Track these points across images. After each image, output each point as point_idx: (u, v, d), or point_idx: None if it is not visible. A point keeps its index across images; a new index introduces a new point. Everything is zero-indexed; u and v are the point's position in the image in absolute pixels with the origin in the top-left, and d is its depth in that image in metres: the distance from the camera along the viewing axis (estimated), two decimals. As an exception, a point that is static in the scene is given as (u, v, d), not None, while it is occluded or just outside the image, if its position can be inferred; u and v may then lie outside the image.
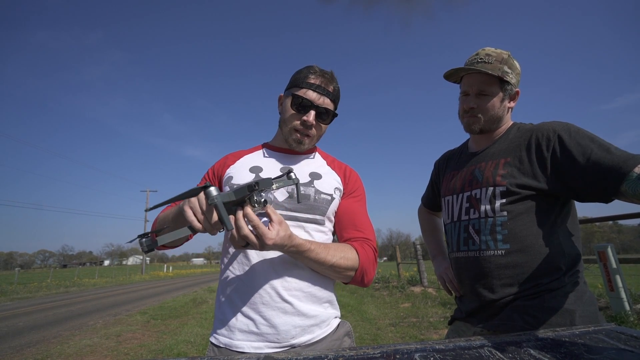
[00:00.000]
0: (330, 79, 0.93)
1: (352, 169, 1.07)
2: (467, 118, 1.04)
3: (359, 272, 0.86)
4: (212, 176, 1.00)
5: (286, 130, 0.95)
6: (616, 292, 3.65)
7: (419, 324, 4.62)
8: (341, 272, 0.84)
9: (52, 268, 54.63)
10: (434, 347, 0.61)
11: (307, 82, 0.91)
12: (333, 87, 0.93)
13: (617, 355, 0.53)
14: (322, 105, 0.91)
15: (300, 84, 0.92)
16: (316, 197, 0.91)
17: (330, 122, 0.97)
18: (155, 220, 0.94)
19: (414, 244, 8.95)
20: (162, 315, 6.55)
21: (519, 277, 0.90)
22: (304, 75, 0.92)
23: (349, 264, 0.84)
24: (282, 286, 0.83)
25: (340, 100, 0.98)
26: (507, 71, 0.98)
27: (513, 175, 0.93)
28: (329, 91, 0.92)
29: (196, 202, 0.69)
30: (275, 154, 1.01)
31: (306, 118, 0.90)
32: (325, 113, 0.92)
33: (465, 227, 1.01)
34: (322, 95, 0.91)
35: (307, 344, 0.82)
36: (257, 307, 0.82)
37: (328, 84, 0.92)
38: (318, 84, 0.91)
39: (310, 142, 0.96)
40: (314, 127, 0.93)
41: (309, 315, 0.84)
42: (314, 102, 0.90)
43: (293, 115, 0.92)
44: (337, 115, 0.98)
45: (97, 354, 3.91)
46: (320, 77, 0.92)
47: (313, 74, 0.92)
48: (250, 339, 0.80)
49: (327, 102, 0.92)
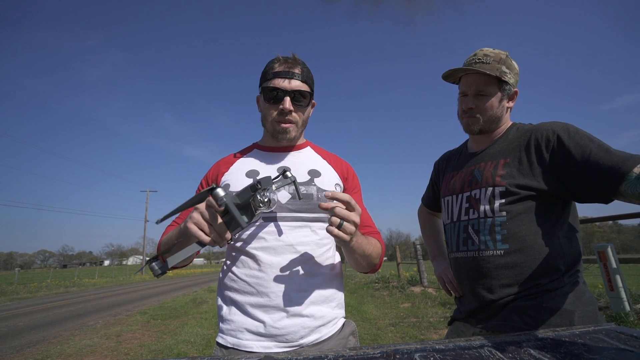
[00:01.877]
0: (294, 62, 0.93)
1: (347, 162, 1.08)
2: (466, 118, 1.04)
3: (381, 260, 0.92)
4: (207, 186, 0.98)
5: (268, 125, 0.95)
6: (616, 292, 3.65)
7: (419, 324, 4.62)
8: (373, 260, 0.89)
9: (52, 268, 54.65)
10: (434, 347, 0.61)
11: (273, 72, 0.91)
12: (300, 69, 0.92)
13: (617, 355, 0.53)
14: (293, 88, 0.90)
15: (267, 76, 0.92)
16: (319, 196, 0.91)
17: (308, 103, 0.96)
18: (160, 244, 0.92)
19: (414, 244, 8.95)
20: (162, 315, 6.55)
21: (518, 278, 0.90)
22: (268, 67, 0.93)
23: (379, 252, 0.91)
24: (292, 288, 0.83)
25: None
26: (505, 71, 0.98)
27: (512, 176, 0.93)
28: (296, 73, 0.91)
29: (199, 216, 0.68)
30: (268, 155, 1.00)
31: (282, 106, 0.90)
32: (300, 95, 0.92)
33: (465, 228, 1.01)
34: (291, 79, 0.90)
35: (314, 344, 0.83)
36: (267, 309, 0.82)
37: (293, 67, 0.92)
38: (283, 70, 0.90)
39: (296, 129, 0.96)
40: (293, 112, 0.92)
41: (317, 316, 0.84)
42: (284, 89, 0.90)
43: (269, 108, 0.93)
44: (313, 93, 0.97)
45: (97, 354, 3.91)
46: (284, 63, 0.92)
47: (276, 62, 0.92)
48: (259, 339, 0.81)
49: (297, 84, 0.91)
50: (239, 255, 0.88)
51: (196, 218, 0.68)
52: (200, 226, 0.68)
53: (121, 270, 46.35)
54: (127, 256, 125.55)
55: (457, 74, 1.07)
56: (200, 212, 0.69)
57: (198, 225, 0.68)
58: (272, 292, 0.82)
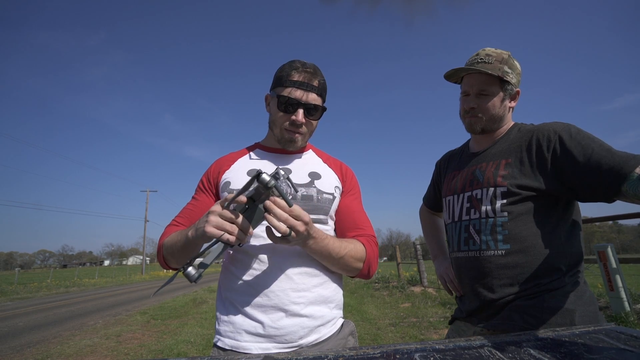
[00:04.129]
0: (314, 73, 0.90)
1: (346, 165, 1.08)
2: (468, 118, 1.04)
3: (366, 264, 0.88)
4: (208, 184, 0.97)
5: (277, 131, 0.94)
6: (616, 292, 3.65)
7: (419, 324, 4.62)
8: (351, 264, 0.85)
9: (52, 268, 54.69)
10: (434, 347, 0.61)
11: (291, 80, 0.88)
12: (318, 81, 0.91)
13: (617, 355, 0.53)
14: (309, 102, 0.89)
15: (284, 82, 0.89)
16: (319, 197, 0.91)
17: (320, 117, 0.95)
18: (161, 246, 0.89)
19: (414, 244, 8.96)
20: (162, 315, 6.55)
21: (519, 277, 0.90)
22: (286, 74, 0.90)
23: (359, 256, 0.86)
24: (291, 288, 0.83)
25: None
26: (507, 71, 0.98)
27: (514, 176, 0.93)
28: (314, 86, 0.89)
29: (217, 218, 0.67)
30: (269, 155, 1.00)
31: (295, 117, 0.89)
32: (314, 109, 0.91)
33: (466, 227, 1.01)
34: (308, 92, 0.89)
35: (314, 344, 0.83)
36: (265, 310, 0.81)
37: (312, 79, 0.89)
38: (302, 81, 0.88)
39: (303, 140, 0.96)
40: (304, 124, 0.92)
41: (316, 317, 0.84)
42: (300, 100, 0.88)
43: (281, 117, 0.91)
44: (326, 109, 0.96)
45: (97, 354, 3.91)
46: (304, 73, 0.89)
47: (295, 70, 0.89)
48: (258, 340, 0.80)
49: (314, 97, 0.90)
50: (238, 255, 0.88)
51: (215, 221, 0.66)
52: (222, 227, 0.66)
53: (121, 270, 46.32)
54: (127, 256, 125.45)
55: (459, 74, 1.07)
56: (219, 213, 0.67)
57: (219, 228, 0.66)
58: (271, 292, 0.82)
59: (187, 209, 0.96)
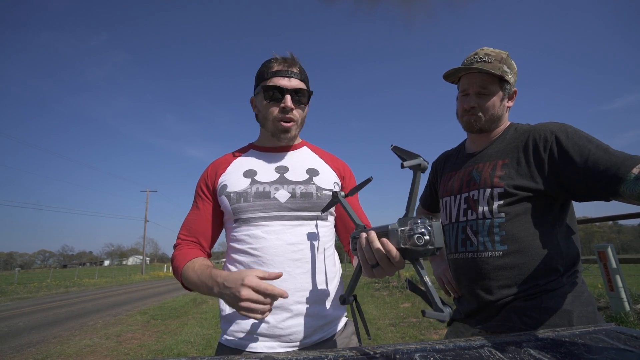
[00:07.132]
0: (292, 61, 0.95)
1: (343, 160, 1.08)
2: (467, 117, 1.04)
3: None
4: (206, 190, 0.96)
5: (269, 124, 0.95)
6: (616, 292, 3.65)
7: (419, 324, 4.62)
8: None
9: (52, 268, 54.67)
10: (434, 347, 0.61)
11: (272, 71, 0.92)
12: (298, 68, 0.95)
13: (617, 355, 0.53)
14: (293, 87, 0.92)
15: (265, 75, 0.93)
16: (318, 194, 0.91)
17: (307, 101, 0.97)
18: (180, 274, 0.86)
19: (414, 244, 8.93)
20: (162, 315, 6.55)
21: (517, 279, 0.90)
22: (266, 67, 0.94)
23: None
24: (296, 288, 0.83)
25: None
26: (506, 70, 0.98)
27: (511, 177, 0.93)
28: (295, 72, 0.93)
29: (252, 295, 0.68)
30: (265, 155, 1.00)
31: (284, 104, 0.91)
32: (300, 93, 0.93)
33: (463, 228, 1.01)
34: (291, 77, 0.92)
35: (318, 343, 0.84)
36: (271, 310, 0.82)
37: (292, 66, 0.94)
38: (283, 69, 0.92)
39: (296, 128, 0.96)
40: (294, 110, 0.93)
41: (320, 316, 0.85)
42: (285, 87, 0.90)
43: (270, 107, 0.93)
44: (312, 93, 0.98)
45: (97, 354, 3.91)
46: (283, 63, 0.93)
47: (275, 61, 0.94)
48: (263, 339, 0.81)
49: (297, 82, 0.93)
50: (240, 255, 0.88)
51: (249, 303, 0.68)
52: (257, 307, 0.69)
53: (121, 270, 46.34)
54: (127, 256, 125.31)
55: (458, 73, 1.06)
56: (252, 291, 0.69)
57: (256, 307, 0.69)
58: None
59: (191, 220, 0.95)
